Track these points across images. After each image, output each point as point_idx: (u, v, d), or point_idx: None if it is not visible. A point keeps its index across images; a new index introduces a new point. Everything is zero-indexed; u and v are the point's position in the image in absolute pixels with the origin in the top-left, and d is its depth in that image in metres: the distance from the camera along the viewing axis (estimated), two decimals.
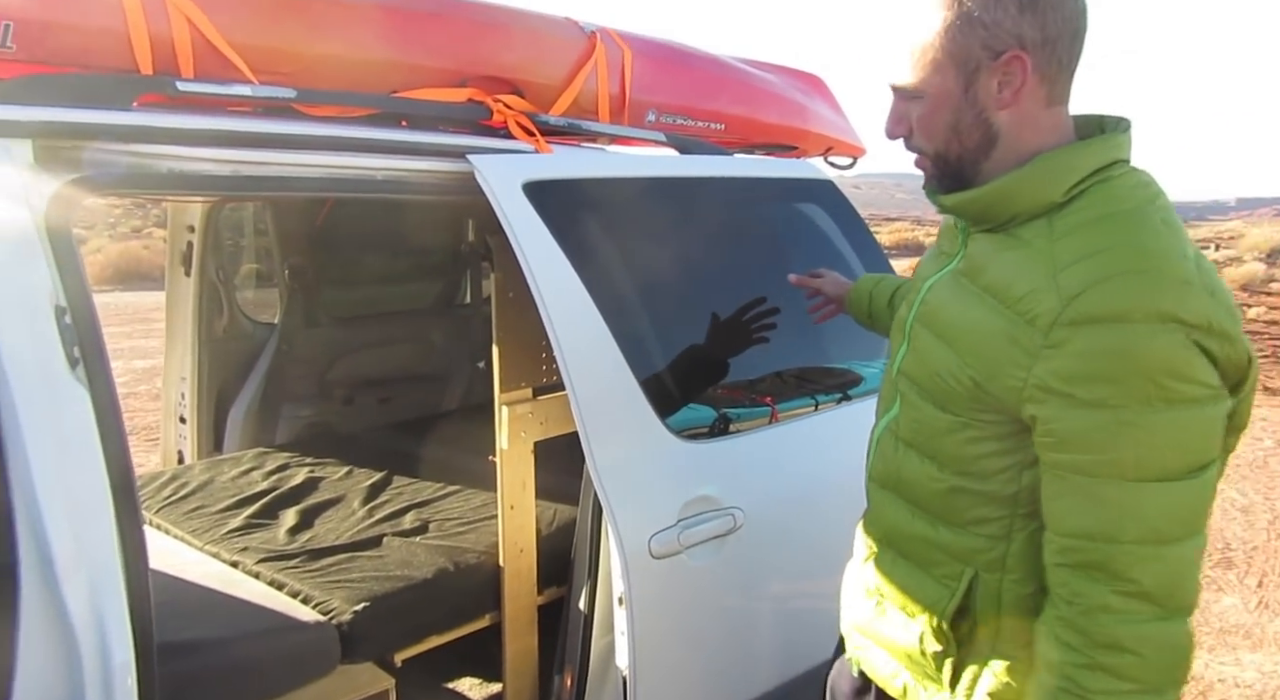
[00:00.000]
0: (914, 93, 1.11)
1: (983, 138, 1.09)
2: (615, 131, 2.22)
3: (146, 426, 5.83)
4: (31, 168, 1.26)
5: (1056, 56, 1.06)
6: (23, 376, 1.18)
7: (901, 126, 1.14)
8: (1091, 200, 1.05)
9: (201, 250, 3.00)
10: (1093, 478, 0.99)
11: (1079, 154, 1.07)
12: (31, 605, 1.16)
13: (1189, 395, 0.96)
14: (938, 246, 1.27)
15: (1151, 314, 0.95)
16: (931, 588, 1.17)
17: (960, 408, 1.11)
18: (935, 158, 1.13)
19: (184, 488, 2.64)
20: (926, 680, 1.21)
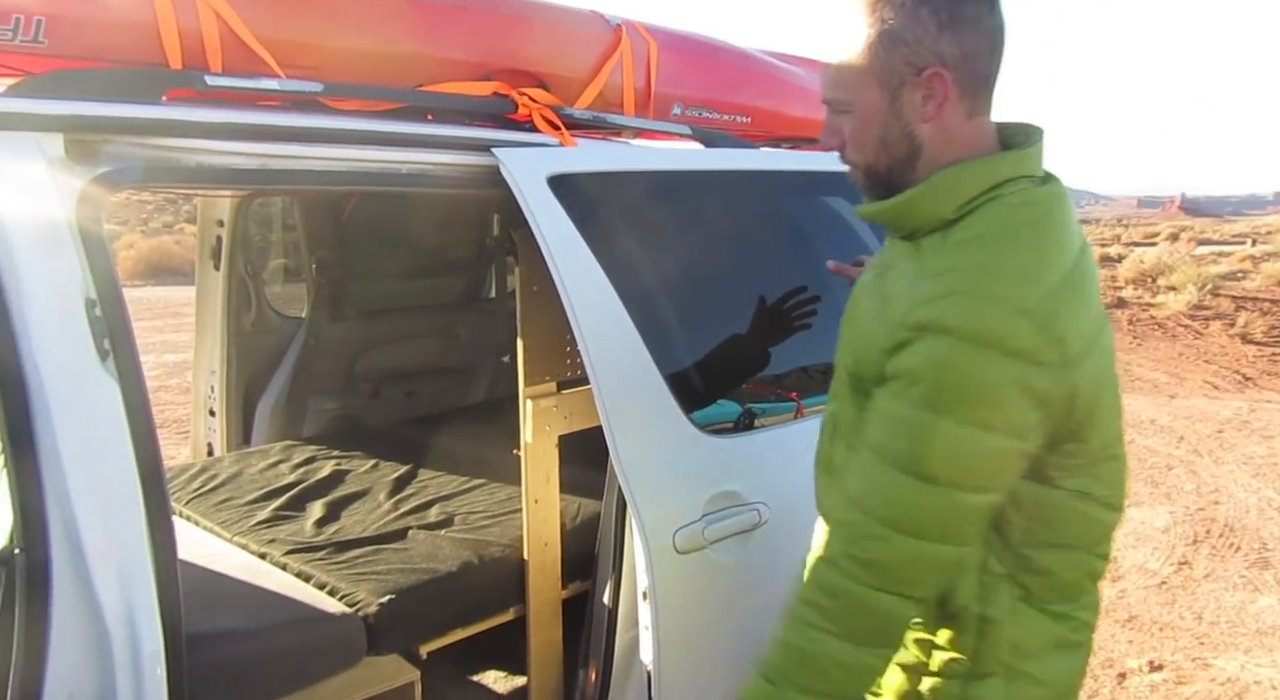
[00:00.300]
0: (844, 107, 1.16)
1: (909, 150, 1.15)
2: (640, 125, 2.21)
3: (177, 419, 5.91)
4: (63, 161, 1.27)
5: (976, 72, 1.11)
6: (54, 369, 1.19)
7: (835, 139, 1.20)
8: (977, 218, 1.11)
9: (230, 245, 3.03)
10: (875, 455, 1.11)
11: (972, 173, 1.12)
12: (63, 595, 1.18)
13: (983, 421, 1.03)
14: (883, 247, 1.33)
15: (974, 336, 1.02)
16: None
17: (841, 392, 1.24)
18: (865, 169, 1.19)
19: (213, 480, 2.67)
20: None
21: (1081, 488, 1.16)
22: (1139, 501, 5.09)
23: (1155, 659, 3.37)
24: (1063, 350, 1.03)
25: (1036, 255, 1.07)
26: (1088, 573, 1.23)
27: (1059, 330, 1.03)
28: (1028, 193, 1.11)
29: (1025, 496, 1.14)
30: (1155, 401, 7.54)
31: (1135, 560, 4.30)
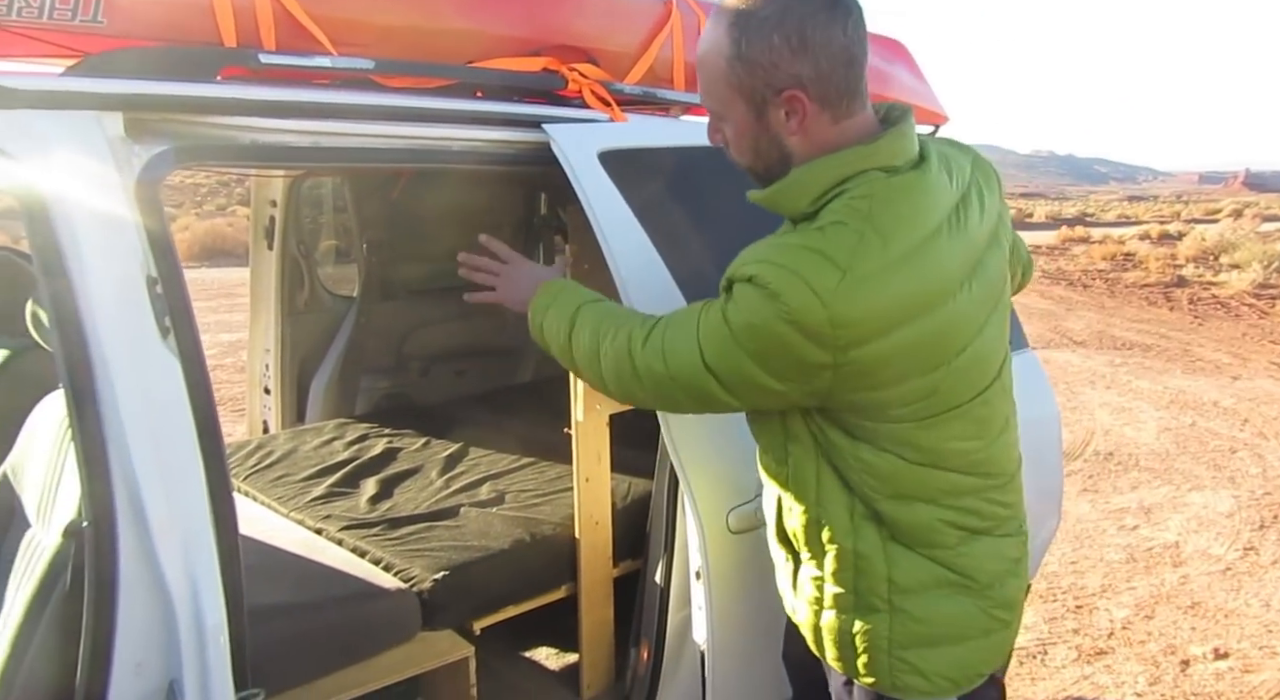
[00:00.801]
0: (720, 116, 1.27)
1: (779, 157, 1.24)
2: (691, 100, 2.18)
3: (232, 398, 6.03)
4: (123, 140, 1.28)
5: (834, 87, 1.19)
6: (117, 346, 1.21)
7: (718, 137, 1.30)
8: (826, 211, 1.19)
9: (283, 224, 3.06)
10: (697, 314, 1.26)
11: (818, 171, 1.20)
12: (130, 568, 1.20)
13: (754, 353, 1.17)
14: None
15: (743, 279, 1.17)
16: (768, 477, 1.43)
17: None
18: (747, 169, 1.30)
19: (269, 456, 2.71)
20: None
21: (894, 447, 1.24)
22: (1200, 485, 4.95)
23: (1220, 646, 3.28)
24: (845, 333, 1.13)
25: (856, 244, 1.14)
26: (945, 521, 1.29)
27: (847, 315, 1.12)
28: (869, 185, 1.18)
29: (845, 450, 1.26)
30: (1218, 383, 7.32)
31: (1198, 545, 4.19)
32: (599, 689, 2.19)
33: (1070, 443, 5.58)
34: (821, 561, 1.34)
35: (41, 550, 1.41)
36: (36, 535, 1.51)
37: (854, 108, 1.21)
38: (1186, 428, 5.97)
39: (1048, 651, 3.29)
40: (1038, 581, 3.70)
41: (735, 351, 1.19)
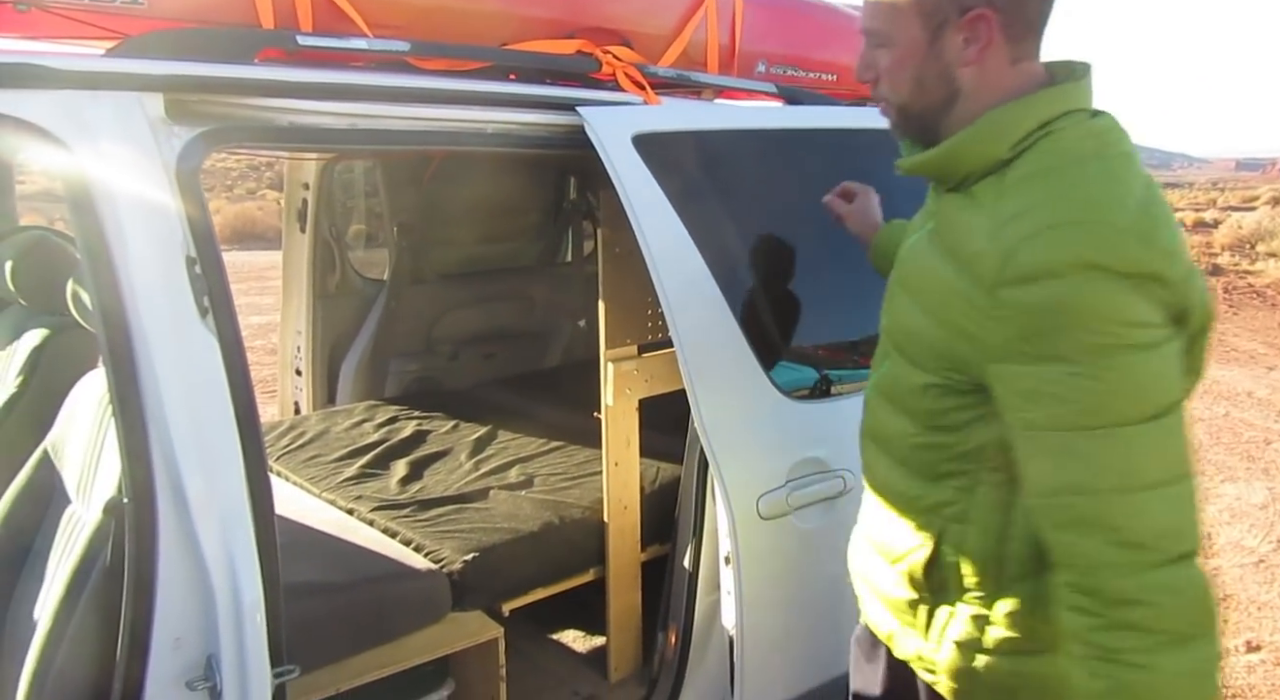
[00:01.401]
0: (882, 39, 1.11)
1: (946, 94, 1.10)
2: (725, 83, 2.16)
3: (263, 379, 6.09)
4: (163, 121, 1.29)
5: (1025, 17, 1.06)
6: (157, 326, 1.22)
7: (869, 72, 1.15)
8: (1036, 154, 1.04)
9: (316, 207, 3.08)
10: (1056, 432, 0.98)
11: (1023, 109, 1.06)
12: (169, 544, 1.21)
13: (1132, 340, 0.95)
14: (925, 205, 1.25)
15: (1078, 265, 0.95)
16: (908, 538, 1.20)
17: (930, 365, 1.12)
18: (899, 108, 1.14)
19: (301, 437, 2.74)
20: (905, 626, 1.25)
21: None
22: (1234, 476, 4.88)
23: (1253, 639, 3.24)
24: (1173, 263, 0.98)
25: (1110, 180, 1.00)
26: None
27: (1163, 244, 0.98)
28: (1084, 124, 1.05)
29: None
30: (1252, 373, 7.20)
31: (1231, 537, 4.13)
32: (626, 672, 2.20)
33: None
34: (992, 603, 1.15)
35: (82, 526, 1.43)
36: (77, 512, 1.53)
37: (1034, 50, 1.09)
38: (1220, 418, 5.87)
39: None
40: None
41: (1122, 362, 0.95)
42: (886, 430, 1.22)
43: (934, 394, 1.12)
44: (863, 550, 1.34)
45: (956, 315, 1.05)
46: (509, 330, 3.64)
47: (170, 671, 1.23)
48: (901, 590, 1.23)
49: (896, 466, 1.21)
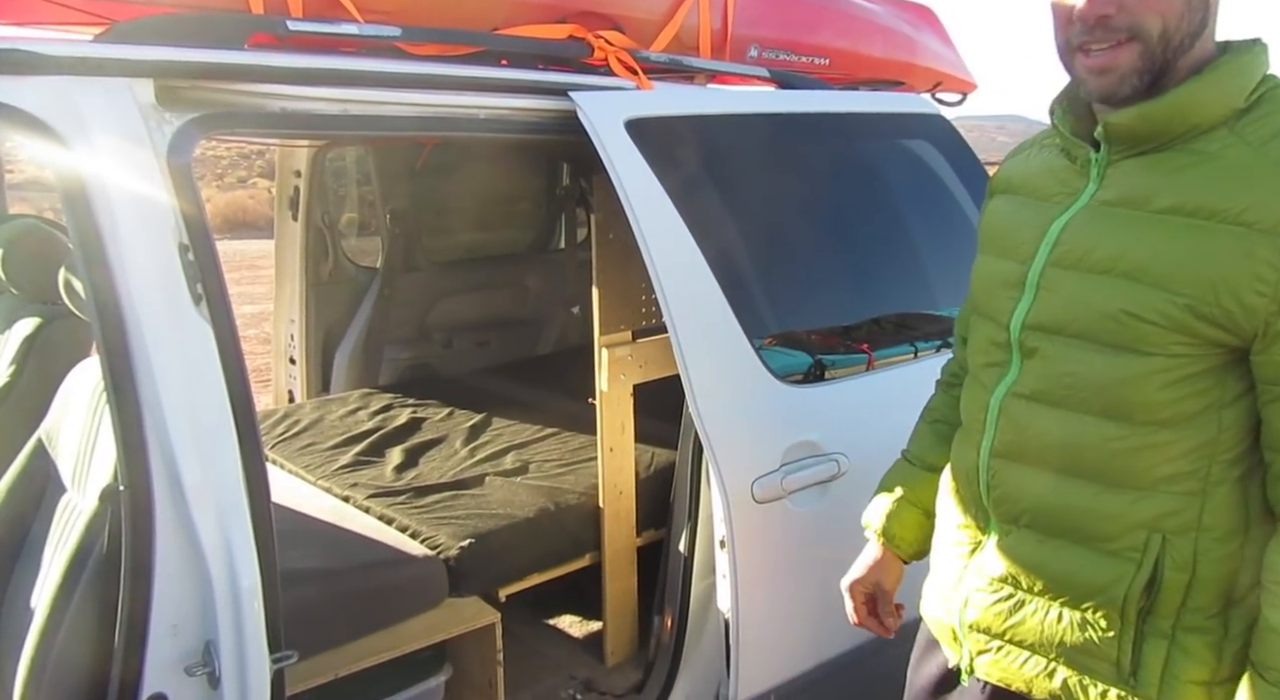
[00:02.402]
0: None
1: (1200, 23, 0.99)
2: (717, 67, 2.16)
3: (256, 369, 6.07)
4: (154, 107, 1.28)
5: None
6: (150, 313, 1.22)
7: (1111, 4, 0.98)
8: (1274, 105, 0.98)
9: (308, 195, 3.07)
10: None
11: (1252, 60, 1.00)
12: (165, 531, 1.22)
13: None
14: (1025, 195, 1.15)
15: None
16: (1104, 565, 1.05)
17: (1153, 344, 0.99)
18: (1158, 38, 0.98)
19: (296, 425, 2.74)
20: (1091, 674, 1.07)
21: None
22: None
23: None
24: None
25: None
26: None
27: None
28: None
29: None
30: None
31: None
32: (623, 656, 2.21)
33: None
34: (1228, 622, 1.03)
35: (78, 515, 1.43)
36: (73, 500, 1.53)
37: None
38: None
39: None
40: None
41: None
42: (1053, 440, 1.06)
43: (1156, 380, 0.99)
44: (986, 596, 1.15)
45: (1221, 274, 0.95)
46: (503, 317, 3.64)
47: (169, 658, 1.24)
48: (1090, 630, 1.06)
49: (1073, 482, 1.06)
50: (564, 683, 2.18)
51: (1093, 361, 1.03)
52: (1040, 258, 1.09)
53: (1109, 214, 1.04)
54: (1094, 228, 1.05)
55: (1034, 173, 1.15)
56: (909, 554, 1.37)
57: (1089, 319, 1.03)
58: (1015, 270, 1.11)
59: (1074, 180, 1.09)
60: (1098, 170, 1.06)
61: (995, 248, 1.17)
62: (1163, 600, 1.03)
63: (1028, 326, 1.09)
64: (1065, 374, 1.06)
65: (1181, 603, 1.02)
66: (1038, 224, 1.10)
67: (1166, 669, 1.03)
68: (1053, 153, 1.14)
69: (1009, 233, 1.15)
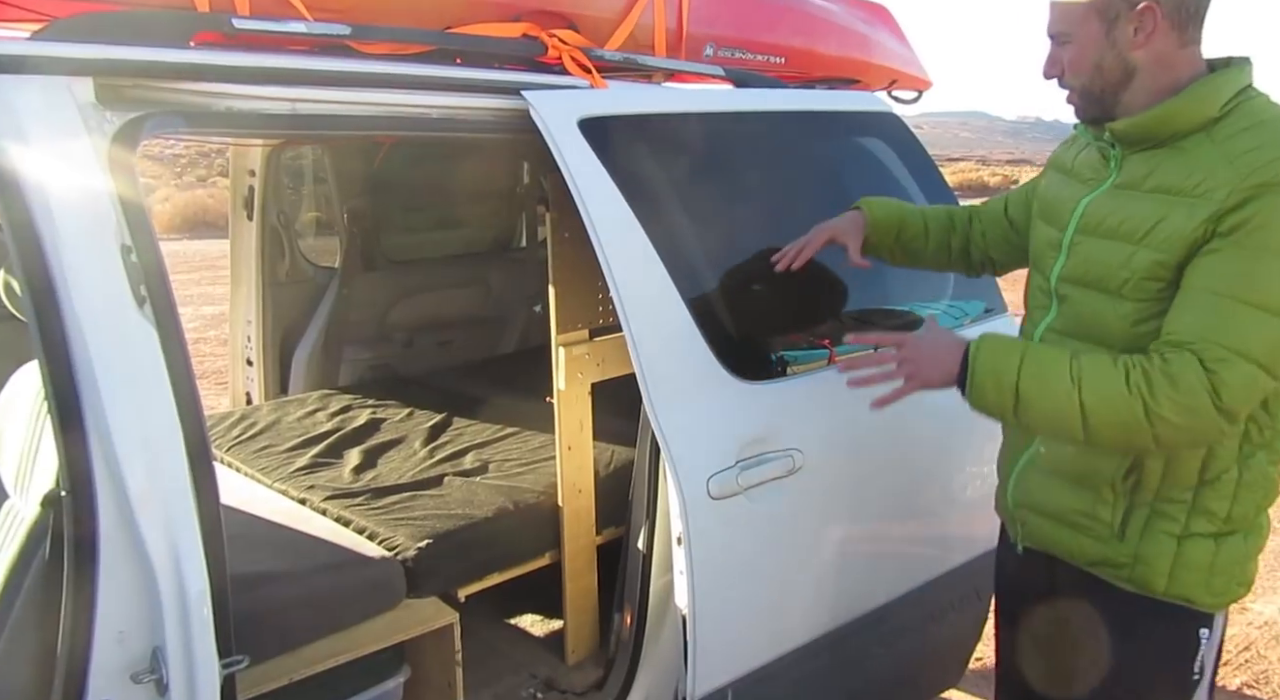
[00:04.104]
0: (1067, 38, 1.38)
1: (1122, 74, 1.36)
2: (672, 66, 2.17)
3: (216, 370, 6.00)
4: (93, 106, 1.26)
5: (1185, 7, 1.32)
6: (92, 314, 1.20)
7: (1055, 68, 1.42)
8: (1241, 114, 1.31)
9: (263, 194, 3.03)
10: (1219, 296, 1.25)
11: (1224, 81, 1.33)
12: (110, 536, 1.20)
13: None
14: (1069, 176, 1.52)
15: None
16: (1102, 456, 1.40)
17: (1131, 291, 1.35)
18: (1081, 91, 1.40)
19: (252, 427, 2.71)
20: (1091, 534, 1.46)
21: None
22: None
23: None
24: None
25: None
26: None
27: None
28: (1263, 95, 1.34)
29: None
30: None
31: None
32: (583, 654, 2.22)
33: None
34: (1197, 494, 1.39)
35: (20, 521, 1.41)
36: (15, 506, 1.51)
37: (1198, 35, 1.35)
38: None
39: None
40: None
41: None
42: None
43: (1133, 317, 1.35)
44: (1030, 481, 1.55)
45: (1173, 228, 1.29)
46: (464, 316, 3.62)
47: (114, 665, 1.22)
48: (1092, 501, 1.44)
49: None
50: (524, 682, 2.18)
51: (1096, 303, 1.40)
52: (1071, 226, 1.46)
53: (1118, 194, 1.40)
54: (1107, 204, 1.41)
55: (1079, 161, 1.52)
56: (871, 219, 1.84)
57: (1098, 272, 1.40)
58: (1055, 235, 1.50)
59: (1102, 169, 1.45)
60: (1115, 163, 1.42)
61: (1045, 216, 1.56)
62: (1145, 481, 1.39)
63: (1061, 279, 1.47)
64: (1078, 314, 1.44)
65: (1159, 482, 1.39)
66: (1073, 199, 1.47)
67: (1146, 526, 1.41)
68: (1092, 149, 1.50)
69: (1055, 205, 1.52)
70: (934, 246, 1.84)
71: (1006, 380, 1.34)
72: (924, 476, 2.14)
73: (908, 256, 1.87)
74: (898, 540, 2.15)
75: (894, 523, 2.12)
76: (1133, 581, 1.43)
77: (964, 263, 1.85)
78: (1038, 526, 1.55)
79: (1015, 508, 1.59)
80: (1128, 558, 1.43)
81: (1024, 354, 1.35)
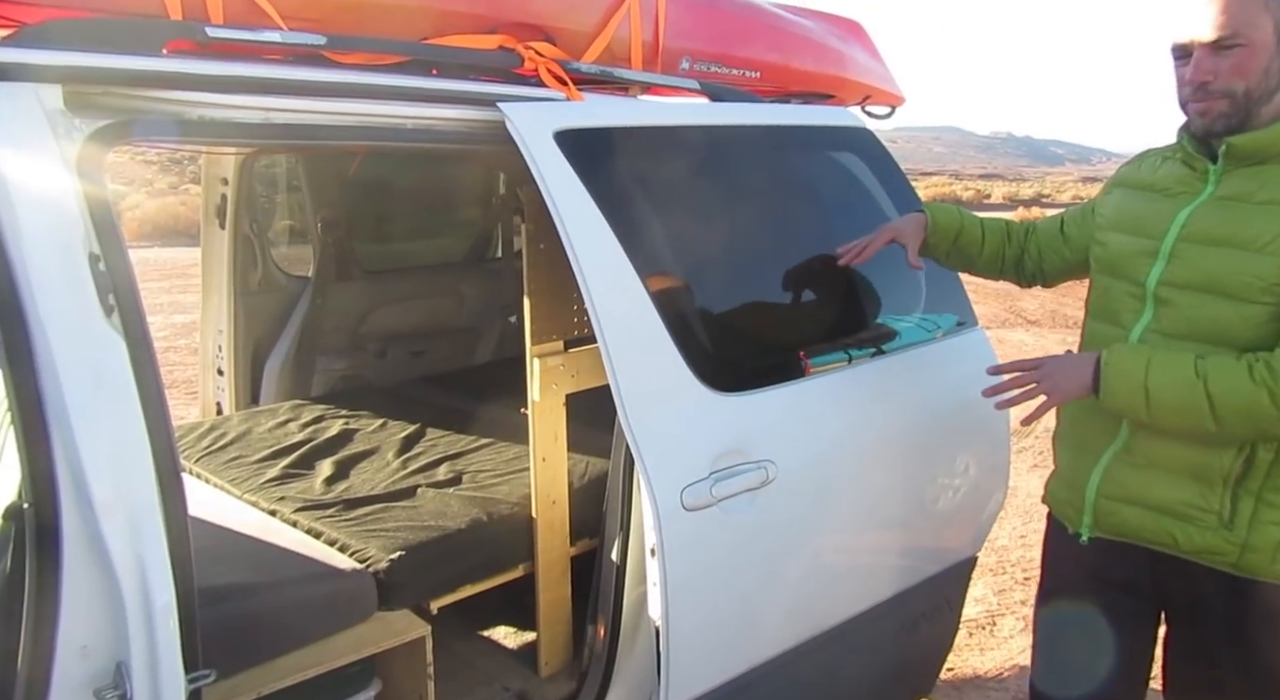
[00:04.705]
0: (1234, 41, 1.42)
1: (1275, 85, 1.45)
2: (648, 79, 2.18)
3: (186, 380, 5.93)
4: (62, 113, 1.25)
5: None
6: (59, 323, 1.18)
7: (1206, 74, 1.45)
8: None
9: (235, 203, 3.01)
10: None
11: None
12: (74, 549, 1.18)
13: None
14: (1150, 191, 1.62)
15: None
16: (1213, 449, 1.49)
17: (1257, 295, 1.44)
18: (1243, 95, 1.45)
19: (222, 438, 2.68)
20: (1197, 524, 1.52)
21: None
22: None
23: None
24: None
25: None
26: None
27: None
28: None
29: None
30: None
31: None
32: (556, 666, 2.21)
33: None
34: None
35: None
36: None
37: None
38: None
39: (996, 622, 3.38)
40: (986, 554, 3.78)
41: None
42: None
43: (1255, 319, 1.44)
44: (1121, 475, 1.60)
45: None
46: (439, 327, 3.60)
47: (77, 680, 1.20)
48: (1201, 493, 1.52)
49: None
50: (497, 695, 2.17)
51: (1206, 305, 1.48)
52: (1172, 235, 1.54)
53: (1225, 205, 1.50)
54: (1214, 214, 1.51)
55: (1160, 176, 1.62)
56: (933, 222, 1.97)
57: (1210, 278, 1.48)
58: (1149, 244, 1.57)
59: (1195, 183, 1.55)
60: (1215, 176, 1.53)
61: (1128, 228, 1.64)
62: (1254, 472, 1.48)
63: (1163, 283, 1.54)
64: (1191, 317, 1.51)
65: (1266, 472, 1.47)
66: (1168, 212, 1.56)
67: (1254, 516, 1.49)
68: (1174, 164, 1.60)
69: (1141, 217, 1.61)
70: (988, 254, 1.97)
71: (1135, 380, 1.46)
72: (896, 488, 2.16)
73: (962, 261, 2.02)
74: (870, 551, 2.16)
75: (866, 534, 2.13)
76: (1239, 567, 1.51)
77: (1015, 272, 1.98)
78: (1131, 517, 1.60)
79: (1100, 500, 1.63)
80: (1236, 545, 1.50)
81: (1150, 357, 1.47)
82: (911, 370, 2.22)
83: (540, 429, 2.09)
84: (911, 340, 2.27)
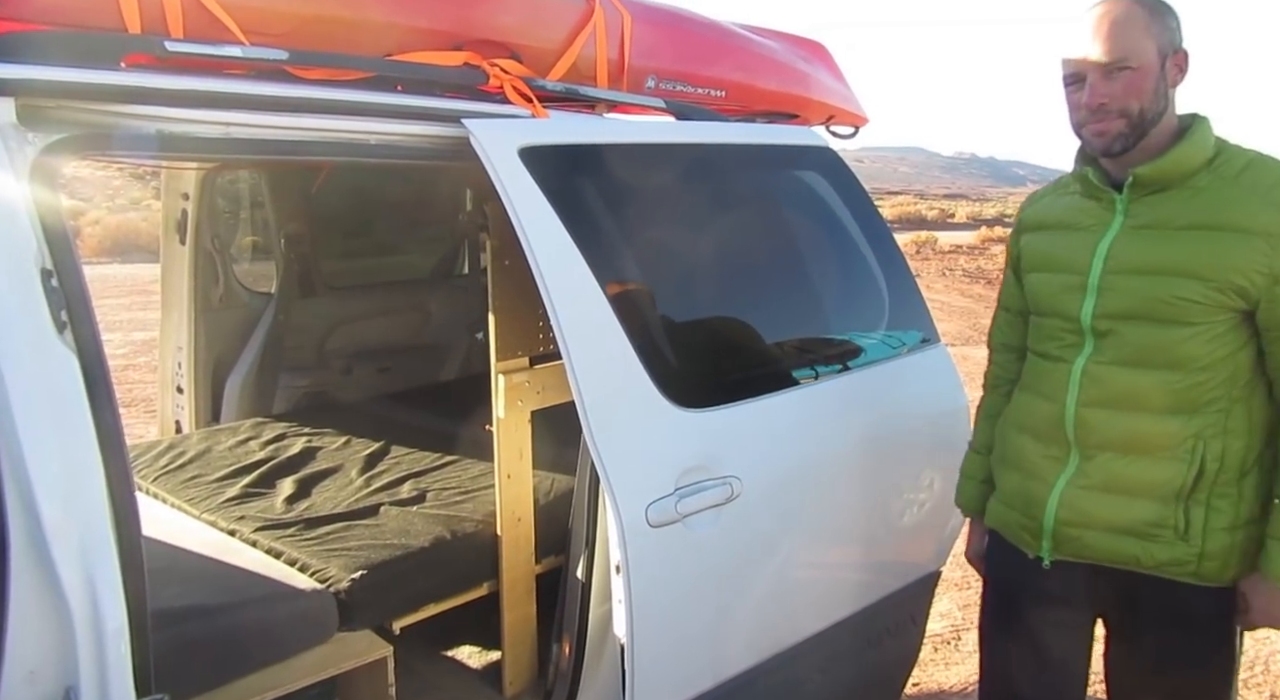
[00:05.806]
0: (1124, 63, 1.46)
1: (1164, 105, 1.50)
2: (613, 97, 2.19)
3: (146, 398, 5.83)
4: (14, 128, 1.23)
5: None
6: (9, 340, 1.16)
7: (1101, 97, 1.48)
8: (1232, 154, 1.50)
9: (196, 218, 2.97)
10: None
11: (1208, 128, 1.52)
12: (21, 571, 1.15)
13: None
14: (1060, 229, 1.64)
15: None
16: (1166, 466, 1.53)
17: (1195, 317, 1.47)
18: (1138, 115, 1.48)
19: (181, 457, 2.64)
20: (1155, 540, 1.55)
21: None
22: None
23: None
24: None
25: None
26: None
27: None
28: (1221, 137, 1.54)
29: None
30: None
31: None
32: (521, 686, 2.19)
33: None
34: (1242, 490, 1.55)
35: None
36: None
37: None
38: None
39: (961, 637, 3.40)
40: (951, 568, 3.80)
41: None
42: (1134, 390, 1.53)
43: (1200, 340, 1.48)
44: (1074, 498, 1.61)
45: (1230, 263, 1.44)
46: (404, 343, 3.58)
47: None
48: (1156, 510, 1.54)
49: (1144, 416, 1.53)
50: None
51: (1153, 333, 1.51)
52: (1097, 269, 1.56)
53: (1144, 234, 1.53)
54: (1135, 244, 1.54)
55: (1063, 213, 1.65)
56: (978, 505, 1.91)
57: (1147, 305, 1.51)
58: (1075, 280, 1.59)
59: (1103, 214, 1.58)
60: (1122, 205, 1.55)
61: (1049, 267, 1.66)
62: (1202, 483, 1.52)
63: (1100, 316, 1.56)
64: (1136, 344, 1.53)
65: (1213, 481, 1.52)
66: (1086, 245, 1.58)
67: (1206, 524, 1.52)
68: (1074, 198, 1.64)
69: (1058, 255, 1.64)
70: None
71: None
72: (861, 503, 2.17)
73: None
74: (835, 567, 2.17)
75: (831, 549, 2.14)
76: (1199, 576, 1.54)
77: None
78: (1093, 541, 1.61)
79: (1060, 527, 1.63)
80: (1194, 555, 1.53)
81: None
82: (875, 386, 2.24)
83: (505, 446, 2.08)
84: (875, 357, 2.29)
